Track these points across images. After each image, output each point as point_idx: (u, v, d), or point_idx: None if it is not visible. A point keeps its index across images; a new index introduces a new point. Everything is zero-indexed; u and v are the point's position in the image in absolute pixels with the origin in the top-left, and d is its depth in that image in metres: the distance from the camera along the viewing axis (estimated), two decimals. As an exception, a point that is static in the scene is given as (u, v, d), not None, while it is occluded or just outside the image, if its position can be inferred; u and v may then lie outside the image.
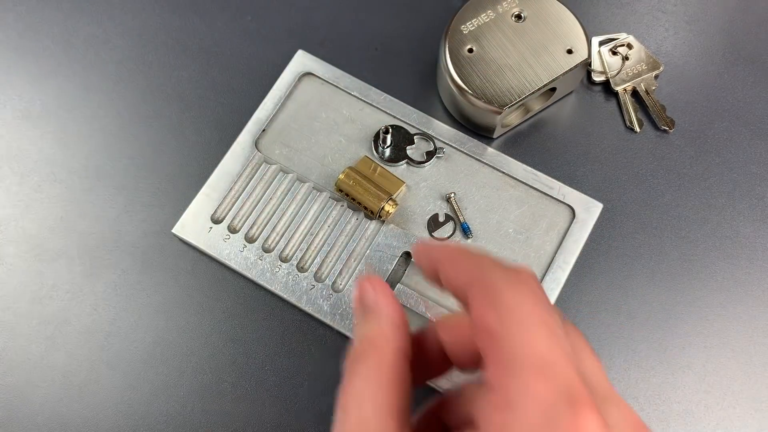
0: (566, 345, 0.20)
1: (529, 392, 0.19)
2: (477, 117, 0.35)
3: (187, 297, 0.34)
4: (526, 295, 0.21)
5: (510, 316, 0.20)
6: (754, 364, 0.33)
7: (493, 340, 0.20)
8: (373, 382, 0.22)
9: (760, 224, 0.35)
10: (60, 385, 0.33)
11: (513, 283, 0.21)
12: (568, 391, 0.19)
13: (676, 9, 0.40)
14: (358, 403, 0.22)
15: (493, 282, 0.21)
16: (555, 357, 0.20)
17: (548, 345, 0.20)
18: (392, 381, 0.22)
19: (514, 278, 0.21)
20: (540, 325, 0.20)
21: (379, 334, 0.24)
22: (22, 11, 0.40)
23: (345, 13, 0.40)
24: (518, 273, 0.22)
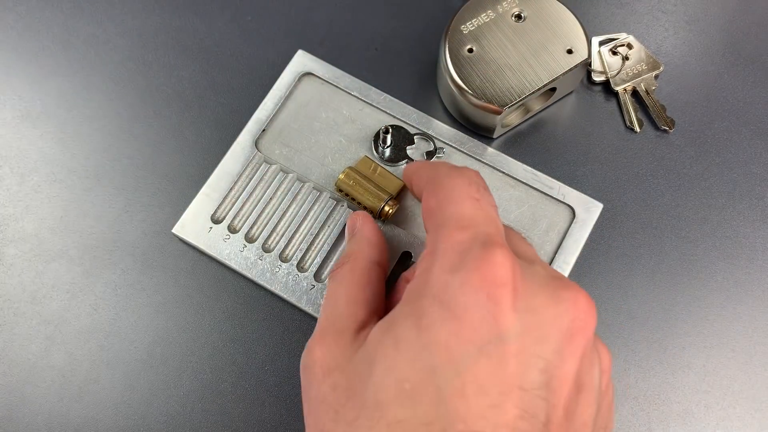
0: (492, 215, 0.23)
1: (449, 239, 0.22)
2: (477, 117, 0.35)
3: (187, 297, 0.34)
4: (461, 181, 0.24)
5: (444, 196, 0.24)
6: (754, 364, 0.33)
7: (431, 216, 0.24)
8: (347, 283, 0.26)
9: (760, 224, 0.35)
10: (59, 385, 0.33)
11: (452, 176, 0.25)
12: (484, 237, 0.22)
13: (676, 9, 0.40)
14: (333, 299, 0.26)
15: (438, 177, 0.25)
16: (477, 216, 0.23)
17: (472, 210, 0.23)
18: (363, 283, 0.26)
19: (454, 172, 0.25)
20: (467, 198, 0.23)
21: (357, 249, 0.28)
22: (22, 11, 0.40)
23: (345, 13, 0.40)
24: (460, 168, 0.25)
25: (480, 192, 0.24)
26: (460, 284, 0.20)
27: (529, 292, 0.21)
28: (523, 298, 0.20)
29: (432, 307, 0.21)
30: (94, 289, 0.34)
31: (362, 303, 0.25)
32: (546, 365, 0.20)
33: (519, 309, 0.20)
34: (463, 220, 0.22)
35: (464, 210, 0.23)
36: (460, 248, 0.21)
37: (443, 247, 0.22)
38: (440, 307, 0.21)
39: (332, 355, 0.23)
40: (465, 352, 0.20)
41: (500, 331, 0.20)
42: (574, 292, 0.22)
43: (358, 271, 0.27)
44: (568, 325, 0.21)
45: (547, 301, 0.21)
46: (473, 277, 0.20)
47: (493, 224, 0.23)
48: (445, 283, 0.21)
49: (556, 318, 0.21)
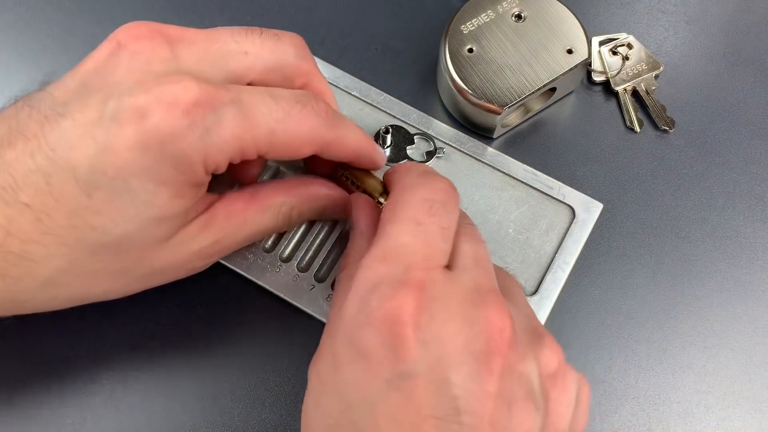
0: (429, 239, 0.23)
1: (368, 270, 0.22)
2: (477, 117, 0.35)
3: (186, 297, 0.34)
4: (417, 197, 0.24)
5: (392, 211, 0.24)
6: (754, 364, 0.33)
7: (379, 230, 0.24)
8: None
9: (760, 224, 0.35)
10: (59, 385, 0.32)
11: (413, 188, 0.24)
12: (399, 273, 0.22)
13: (676, 9, 0.40)
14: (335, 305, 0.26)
15: (401, 185, 0.25)
16: (407, 245, 0.22)
17: (407, 237, 0.23)
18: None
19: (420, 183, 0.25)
20: (409, 220, 0.23)
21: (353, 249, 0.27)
22: (22, 11, 0.40)
23: (345, 13, 0.40)
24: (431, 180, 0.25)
25: (433, 210, 0.23)
26: (365, 324, 0.21)
27: (437, 321, 0.21)
28: (429, 330, 0.21)
29: (343, 345, 0.22)
30: (94, 289, 0.34)
31: None
32: (460, 391, 0.20)
33: (425, 341, 0.21)
34: (389, 250, 0.22)
35: (398, 236, 0.23)
36: (372, 283, 0.22)
37: (358, 279, 0.22)
38: (349, 345, 0.21)
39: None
40: (375, 388, 0.21)
41: (405, 365, 0.20)
42: (486, 310, 0.22)
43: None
44: (482, 348, 0.21)
45: (459, 327, 0.21)
46: (375, 316, 0.21)
47: (423, 252, 0.22)
48: (354, 321, 0.22)
49: (468, 343, 0.21)
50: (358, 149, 0.29)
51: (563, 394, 0.23)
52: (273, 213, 0.28)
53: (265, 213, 0.28)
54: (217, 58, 0.26)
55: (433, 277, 0.22)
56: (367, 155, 0.29)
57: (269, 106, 0.25)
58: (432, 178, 0.25)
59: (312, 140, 0.26)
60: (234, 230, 0.28)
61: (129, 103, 0.22)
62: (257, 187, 0.29)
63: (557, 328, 0.33)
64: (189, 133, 0.23)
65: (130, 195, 0.23)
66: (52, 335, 0.33)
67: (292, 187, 0.29)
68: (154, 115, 0.22)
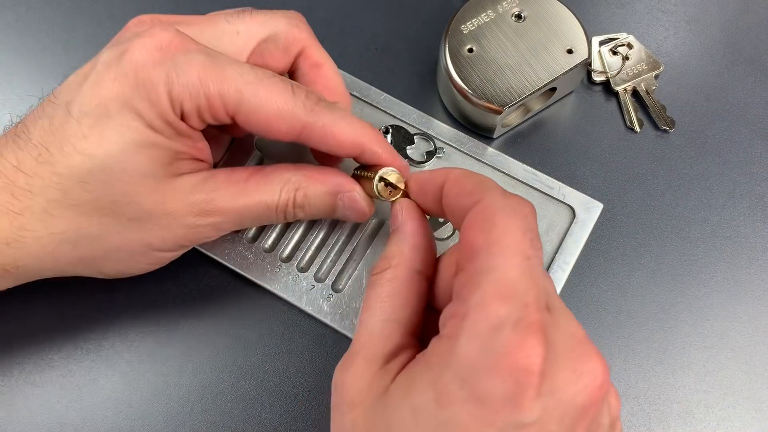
0: (537, 276, 0.22)
1: (485, 309, 0.21)
2: (477, 117, 0.35)
3: (187, 297, 0.34)
4: (518, 225, 0.22)
5: (495, 239, 0.22)
6: (754, 364, 0.33)
7: (473, 254, 0.22)
8: (384, 297, 0.25)
9: (760, 224, 0.35)
10: (59, 385, 0.32)
11: (509, 212, 0.23)
12: (521, 314, 0.20)
13: (676, 9, 0.40)
14: (369, 314, 0.25)
15: (491, 205, 0.23)
16: (521, 283, 0.21)
17: (519, 273, 0.21)
18: (402, 298, 0.25)
19: (512, 207, 0.23)
20: (518, 255, 0.22)
21: (398, 253, 0.26)
22: (22, 11, 0.40)
23: (344, 12, 0.40)
24: (518, 203, 0.23)
25: (533, 244, 0.22)
26: (487, 368, 0.20)
27: (553, 371, 0.21)
28: (550, 380, 0.20)
29: (454, 383, 0.21)
30: (91, 287, 0.34)
31: (398, 323, 0.25)
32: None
33: (544, 392, 0.20)
34: (505, 287, 0.21)
35: (510, 272, 0.21)
36: (493, 324, 0.21)
37: (476, 317, 0.21)
38: (463, 385, 0.20)
39: (358, 386, 0.23)
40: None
41: (523, 416, 0.20)
42: (593, 363, 0.22)
43: (397, 284, 0.25)
44: (584, 401, 0.21)
45: (569, 378, 0.21)
46: (502, 363, 0.20)
47: (534, 291, 0.21)
48: (472, 362, 0.20)
49: (576, 395, 0.21)
50: (353, 142, 0.27)
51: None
52: (276, 188, 0.28)
53: (268, 186, 0.28)
54: (212, 38, 0.28)
55: (546, 320, 0.21)
56: (369, 151, 0.28)
57: (242, 68, 0.26)
58: (518, 200, 0.23)
59: (283, 116, 0.26)
60: (233, 195, 0.27)
61: (117, 48, 0.26)
62: (265, 165, 0.29)
63: (557, 328, 0.33)
64: (159, 65, 0.25)
65: (110, 119, 0.25)
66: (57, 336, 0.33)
67: (301, 167, 0.29)
68: (134, 50, 0.25)
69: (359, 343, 0.24)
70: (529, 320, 0.20)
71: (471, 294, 0.21)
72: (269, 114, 0.26)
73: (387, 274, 0.25)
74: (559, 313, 0.22)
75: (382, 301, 0.25)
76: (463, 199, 0.24)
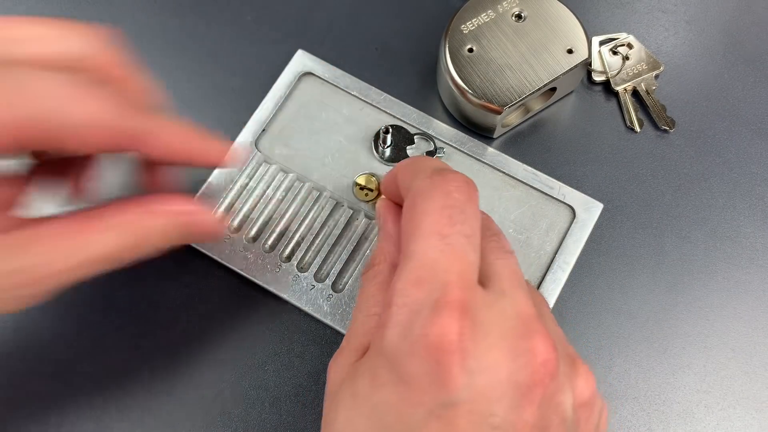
0: (459, 251, 0.22)
1: (403, 295, 0.21)
2: (477, 117, 0.35)
3: (187, 297, 0.34)
4: (436, 204, 0.22)
5: (415, 224, 0.22)
6: (754, 364, 0.33)
7: (403, 244, 0.23)
8: (368, 292, 0.26)
9: (760, 224, 0.35)
10: (60, 384, 0.33)
11: (430, 193, 0.23)
12: (437, 294, 0.21)
13: (676, 9, 0.40)
14: (356, 309, 0.26)
15: (415, 190, 0.23)
16: (438, 261, 0.21)
17: (437, 253, 0.22)
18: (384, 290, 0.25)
19: (435, 186, 0.23)
20: (434, 235, 0.22)
21: (379, 250, 0.27)
22: (22, 11, 0.40)
23: (345, 13, 0.40)
24: (442, 180, 0.23)
25: (452, 220, 0.22)
26: (408, 350, 0.21)
27: (481, 349, 0.21)
28: (474, 357, 0.20)
29: (384, 368, 0.21)
30: (91, 289, 0.34)
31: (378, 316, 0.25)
32: (501, 421, 0.20)
33: (470, 370, 0.20)
34: (423, 270, 0.21)
35: (428, 254, 0.22)
36: (412, 309, 0.21)
37: (397, 305, 0.21)
38: (391, 369, 0.21)
39: (337, 378, 0.24)
40: (415, 414, 0.20)
41: (449, 395, 0.20)
42: (534, 341, 0.21)
43: (378, 280, 0.26)
44: (525, 379, 0.21)
45: (503, 357, 0.21)
46: (420, 343, 0.20)
47: (458, 268, 0.21)
48: (396, 347, 0.21)
49: (512, 374, 0.21)
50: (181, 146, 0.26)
51: (590, 422, 0.24)
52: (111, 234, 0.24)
53: (102, 234, 0.24)
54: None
55: (472, 298, 0.21)
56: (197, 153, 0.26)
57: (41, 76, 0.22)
58: (444, 178, 0.23)
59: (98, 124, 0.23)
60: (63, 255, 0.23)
61: None
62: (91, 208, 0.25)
63: (557, 328, 0.33)
64: None
65: None
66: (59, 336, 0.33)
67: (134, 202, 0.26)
68: None
69: (346, 338, 0.25)
70: (447, 299, 0.21)
71: (395, 283, 0.22)
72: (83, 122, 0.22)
73: (371, 272, 0.26)
74: (502, 291, 0.22)
75: (367, 298, 0.26)
76: (405, 190, 0.25)
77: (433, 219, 0.22)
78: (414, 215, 0.23)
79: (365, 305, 0.25)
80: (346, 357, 0.24)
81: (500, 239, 0.25)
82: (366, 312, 0.25)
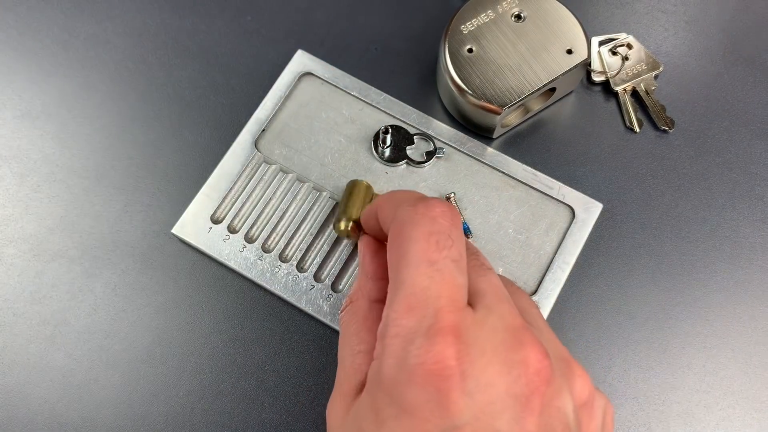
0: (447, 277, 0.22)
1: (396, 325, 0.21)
2: (477, 117, 0.35)
3: (187, 297, 0.34)
4: (422, 231, 0.22)
5: (402, 252, 0.22)
6: (754, 364, 0.33)
7: (391, 274, 0.23)
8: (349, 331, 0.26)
9: (760, 224, 0.35)
10: (59, 385, 0.33)
11: (415, 220, 0.23)
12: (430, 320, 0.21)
13: (676, 9, 0.40)
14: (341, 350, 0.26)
15: (399, 220, 0.23)
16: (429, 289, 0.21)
17: (426, 281, 0.22)
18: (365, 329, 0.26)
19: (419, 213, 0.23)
20: (423, 263, 0.22)
21: (356, 288, 0.27)
22: (22, 11, 0.40)
23: (345, 13, 0.40)
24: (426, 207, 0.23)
25: (440, 245, 0.22)
26: (406, 381, 0.21)
27: (478, 367, 0.21)
28: (472, 378, 0.20)
29: (384, 401, 0.21)
30: (93, 289, 0.34)
31: (366, 353, 0.25)
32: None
33: (469, 391, 0.20)
34: (413, 299, 0.22)
35: (418, 282, 0.22)
36: (406, 338, 0.21)
37: (390, 335, 0.22)
38: (392, 402, 0.21)
39: (336, 421, 0.24)
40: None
41: (452, 419, 0.20)
42: (524, 351, 0.21)
43: (359, 316, 0.26)
44: (522, 390, 0.21)
45: (499, 371, 0.21)
46: (418, 373, 0.20)
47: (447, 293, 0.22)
48: (394, 378, 0.21)
49: (510, 387, 0.21)
50: None
51: (593, 421, 0.24)
52: None
53: None
54: None
55: (463, 320, 0.21)
56: None
57: None
58: (426, 205, 0.24)
59: None
60: None
61: None
62: None
63: (557, 328, 0.33)
64: None
65: None
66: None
67: None
68: None
69: (337, 380, 0.25)
70: (440, 325, 0.21)
71: (387, 314, 0.22)
72: None
73: (350, 309, 0.26)
74: (488, 307, 0.22)
75: (350, 336, 0.26)
76: (387, 222, 0.25)
77: (421, 246, 0.22)
78: (401, 243, 0.23)
79: (349, 344, 0.25)
80: (342, 399, 0.24)
81: (479, 257, 0.25)
82: (352, 351, 0.25)
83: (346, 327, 0.26)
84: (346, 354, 0.25)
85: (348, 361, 0.25)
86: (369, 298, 0.27)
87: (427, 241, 0.22)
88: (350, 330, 0.26)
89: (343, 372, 0.25)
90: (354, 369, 0.25)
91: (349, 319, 0.26)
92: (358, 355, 0.25)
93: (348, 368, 0.25)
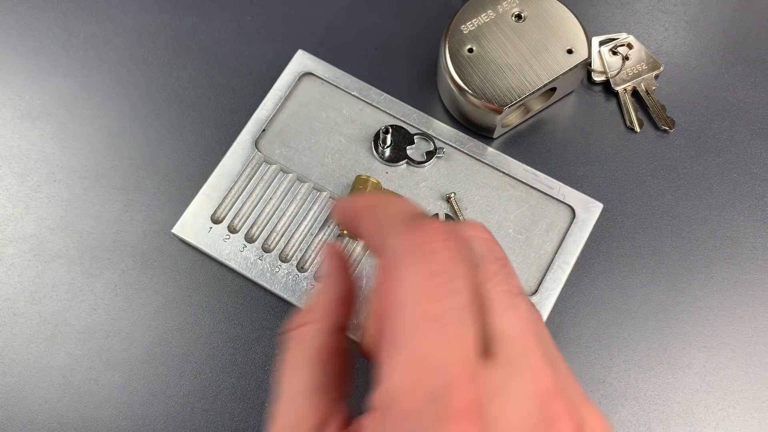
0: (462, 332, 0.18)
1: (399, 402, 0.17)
2: (477, 117, 0.35)
3: (187, 297, 0.34)
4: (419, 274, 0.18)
5: (399, 301, 0.18)
6: (754, 364, 0.33)
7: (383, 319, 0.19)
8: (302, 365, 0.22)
9: (760, 224, 0.35)
10: (59, 385, 0.33)
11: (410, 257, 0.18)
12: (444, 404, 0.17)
13: (676, 9, 0.40)
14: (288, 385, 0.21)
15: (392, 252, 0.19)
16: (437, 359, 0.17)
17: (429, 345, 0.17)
18: (321, 363, 0.21)
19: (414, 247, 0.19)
20: (425, 320, 0.18)
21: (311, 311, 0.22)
22: (22, 11, 0.40)
23: (345, 13, 0.40)
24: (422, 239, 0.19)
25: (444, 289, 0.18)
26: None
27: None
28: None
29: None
30: (93, 289, 0.34)
31: (322, 391, 0.21)
32: None
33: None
34: (418, 367, 0.17)
35: (420, 343, 0.18)
36: (413, 421, 0.17)
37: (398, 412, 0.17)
38: None
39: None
40: None
41: None
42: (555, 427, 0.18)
43: (315, 344, 0.22)
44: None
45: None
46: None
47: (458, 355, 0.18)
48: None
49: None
50: None
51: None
52: None
53: None
54: None
55: (481, 389, 0.17)
56: None
57: None
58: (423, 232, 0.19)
59: None
60: None
61: None
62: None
63: (557, 328, 0.33)
64: None
65: None
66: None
67: None
68: None
69: (280, 418, 0.21)
70: (454, 409, 0.17)
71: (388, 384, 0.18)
72: None
73: (302, 334, 0.22)
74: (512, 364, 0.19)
75: (300, 371, 0.21)
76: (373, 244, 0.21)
77: (420, 294, 0.18)
78: (394, 287, 0.18)
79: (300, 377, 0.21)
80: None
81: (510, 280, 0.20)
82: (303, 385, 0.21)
83: (294, 354, 0.22)
84: (295, 389, 0.21)
85: (298, 402, 0.21)
86: (329, 327, 0.22)
87: (426, 285, 0.18)
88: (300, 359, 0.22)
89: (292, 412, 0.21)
90: (308, 412, 0.21)
91: (302, 346, 0.22)
92: (312, 396, 0.21)
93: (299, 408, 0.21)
